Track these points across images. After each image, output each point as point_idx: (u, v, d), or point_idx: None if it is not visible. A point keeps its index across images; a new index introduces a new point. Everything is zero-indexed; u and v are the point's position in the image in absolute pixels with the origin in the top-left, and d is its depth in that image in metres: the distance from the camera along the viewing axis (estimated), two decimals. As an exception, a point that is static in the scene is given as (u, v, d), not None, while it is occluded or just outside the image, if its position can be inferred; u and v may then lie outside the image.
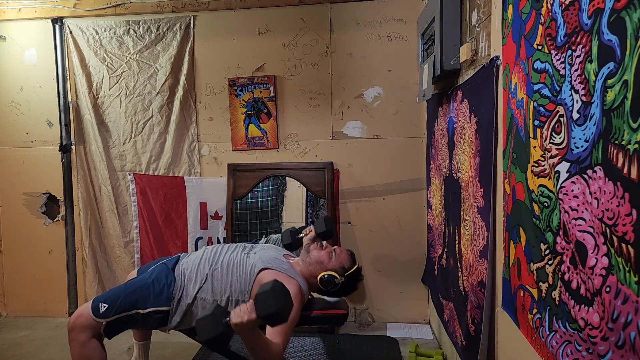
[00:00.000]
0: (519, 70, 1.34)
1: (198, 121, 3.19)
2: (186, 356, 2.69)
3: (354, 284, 2.10)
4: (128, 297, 1.91)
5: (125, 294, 1.92)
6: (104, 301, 1.90)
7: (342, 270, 2.03)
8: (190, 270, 2.02)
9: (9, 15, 3.21)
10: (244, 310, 1.54)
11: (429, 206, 2.85)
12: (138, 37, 3.15)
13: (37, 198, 3.34)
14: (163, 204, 3.15)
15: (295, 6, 3.02)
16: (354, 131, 3.07)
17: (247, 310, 1.54)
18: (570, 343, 1.05)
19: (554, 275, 1.13)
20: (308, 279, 2.03)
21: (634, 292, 0.80)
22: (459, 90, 2.01)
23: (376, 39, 2.99)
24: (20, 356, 2.79)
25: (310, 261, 2.05)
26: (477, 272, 1.75)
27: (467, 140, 1.90)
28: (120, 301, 1.89)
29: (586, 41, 0.94)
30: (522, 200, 1.32)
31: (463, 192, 1.98)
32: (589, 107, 0.93)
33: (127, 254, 3.27)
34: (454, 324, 2.16)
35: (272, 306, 1.51)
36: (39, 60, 3.24)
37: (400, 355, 2.66)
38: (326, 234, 2.34)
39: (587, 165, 0.94)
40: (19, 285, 3.41)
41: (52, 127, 3.28)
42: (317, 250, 2.09)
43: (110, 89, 3.20)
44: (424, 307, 3.12)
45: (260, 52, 3.09)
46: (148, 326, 1.99)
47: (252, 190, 3.11)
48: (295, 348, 2.75)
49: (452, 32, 2.00)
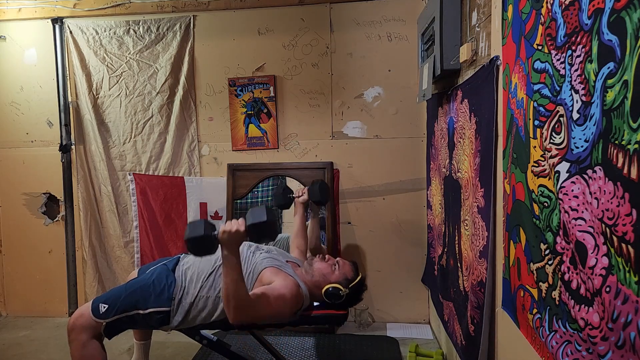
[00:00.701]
0: (519, 70, 1.34)
1: (198, 121, 3.19)
2: (186, 356, 2.69)
3: (358, 295, 2.09)
4: (128, 298, 1.90)
5: (125, 294, 1.92)
6: (104, 301, 1.89)
7: (346, 281, 2.02)
8: (192, 270, 2.01)
9: (9, 15, 3.21)
10: (234, 222, 1.66)
11: (429, 206, 2.85)
12: (138, 37, 3.15)
13: (37, 198, 3.34)
14: (163, 204, 3.15)
15: (295, 6, 3.02)
16: (354, 131, 3.07)
17: (237, 222, 1.65)
18: (570, 343, 1.05)
19: (554, 275, 1.13)
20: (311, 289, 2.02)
21: (634, 292, 0.80)
22: (459, 90, 2.01)
23: (376, 39, 2.99)
24: (20, 356, 2.79)
25: (313, 273, 2.05)
26: (477, 272, 1.75)
27: (467, 140, 1.90)
28: (121, 302, 1.89)
29: (586, 41, 0.94)
30: (522, 200, 1.32)
31: (463, 192, 1.98)
32: (589, 107, 0.93)
33: (127, 254, 3.27)
34: (454, 324, 2.16)
35: (262, 216, 1.63)
36: (39, 60, 3.24)
37: (400, 355, 2.66)
38: (320, 202, 2.40)
39: (587, 165, 0.94)
40: (19, 285, 3.41)
41: (52, 127, 3.28)
42: (320, 262, 2.08)
43: (110, 89, 3.21)
44: (424, 307, 3.12)
45: (260, 52, 3.09)
46: (149, 326, 1.99)
47: (252, 190, 3.11)
48: (295, 348, 2.75)
49: (452, 32, 2.00)
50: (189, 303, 1.94)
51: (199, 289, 1.96)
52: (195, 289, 1.96)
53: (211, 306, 1.94)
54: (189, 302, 1.94)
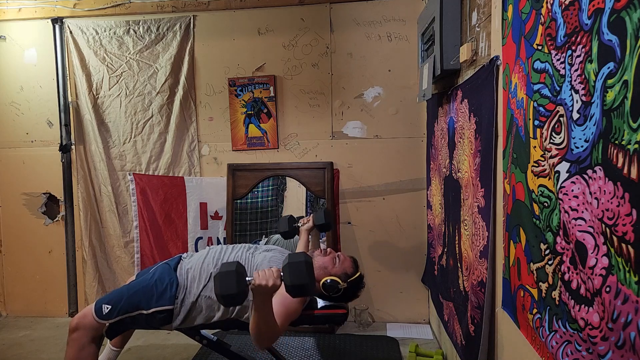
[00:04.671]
0: (519, 70, 1.34)
1: (198, 121, 3.19)
2: (186, 356, 2.69)
3: (355, 290, 2.10)
4: (131, 298, 1.91)
5: (128, 295, 1.92)
6: (107, 302, 1.90)
7: (345, 276, 2.03)
8: (194, 269, 2.02)
9: (9, 15, 3.21)
10: (269, 274, 1.55)
11: (429, 206, 2.85)
12: (138, 37, 3.15)
13: (37, 198, 3.34)
14: (163, 204, 3.15)
15: (295, 6, 3.02)
16: (354, 131, 3.07)
17: (272, 275, 1.55)
18: (570, 343, 1.05)
19: (554, 275, 1.13)
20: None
21: (634, 292, 0.80)
22: (459, 90, 2.01)
23: (376, 39, 2.99)
24: (20, 356, 2.79)
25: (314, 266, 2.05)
26: (477, 272, 1.75)
27: (467, 140, 1.90)
28: (124, 302, 1.90)
29: (586, 41, 0.94)
30: (522, 200, 1.32)
31: (463, 192, 1.98)
32: (589, 107, 0.93)
33: (127, 254, 3.27)
34: (454, 324, 2.16)
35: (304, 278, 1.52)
36: (39, 60, 3.24)
37: (400, 355, 2.66)
38: (324, 227, 2.37)
39: (587, 165, 0.94)
40: (19, 285, 3.41)
41: (52, 127, 3.28)
42: (321, 256, 2.09)
43: (110, 89, 3.21)
44: (424, 307, 3.12)
45: (260, 52, 3.09)
46: (151, 326, 1.99)
47: (252, 190, 3.11)
48: (295, 348, 2.75)
49: (452, 32, 2.00)
50: (191, 303, 1.94)
51: (202, 289, 1.96)
52: (197, 288, 1.96)
53: (214, 306, 1.94)
54: (190, 301, 1.95)
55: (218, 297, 1.52)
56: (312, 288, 1.57)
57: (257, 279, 1.54)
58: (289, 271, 1.53)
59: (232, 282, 1.50)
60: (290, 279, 1.52)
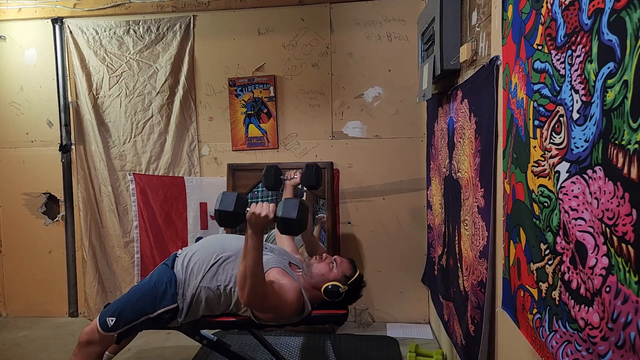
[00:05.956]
0: (519, 70, 1.34)
1: (198, 121, 3.19)
2: (186, 356, 2.69)
3: (357, 291, 2.09)
4: (135, 307, 1.93)
5: (131, 304, 1.94)
6: (111, 315, 1.92)
7: (345, 278, 2.02)
8: (192, 262, 2.02)
9: (9, 15, 3.21)
10: (265, 206, 1.67)
11: (429, 206, 2.85)
12: (138, 37, 3.15)
13: (37, 198, 3.34)
14: (163, 204, 3.15)
15: (295, 6, 3.02)
16: (354, 131, 3.07)
17: (268, 207, 1.67)
18: (570, 343, 1.05)
19: (554, 275, 1.13)
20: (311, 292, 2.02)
21: (634, 292, 0.80)
22: (459, 90, 2.01)
23: (376, 39, 2.99)
24: (20, 356, 2.79)
25: (312, 274, 2.04)
26: (477, 272, 1.75)
27: (467, 140, 1.90)
28: (128, 312, 1.92)
29: (586, 41, 0.94)
30: (522, 200, 1.32)
31: (463, 192, 1.98)
32: (589, 107, 0.93)
33: (127, 254, 3.27)
34: (454, 324, 2.16)
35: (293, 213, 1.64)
36: (39, 60, 3.24)
37: (400, 355, 2.66)
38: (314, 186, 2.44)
39: (587, 165, 0.94)
40: (19, 285, 3.41)
41: (52, 127, 3.28)
42: (318, 263, 2.08)
43: (110, 89, 3.20)
44: (424, 307, 3.12)
45: (260, 52, 3.09)
46: (159, 326, 2.01)
47: (252, 190, 3.11)
48: (296, 348, 2.75)
49: (452, 32, 2.00)
50: (191, 295, 1.96)
51: (200, 280, 1.97)
52: (196, 280, 1.97)
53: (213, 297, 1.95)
54: (190, 294, 1.96)
55: (215, 212, 1.66)
56: (300, 228, 1.69)
57: (252, 207, 1.67)
58: (283, 205, 1.66)
59: (232, 202, 1.65)
60: (282, 212, 1.65)
